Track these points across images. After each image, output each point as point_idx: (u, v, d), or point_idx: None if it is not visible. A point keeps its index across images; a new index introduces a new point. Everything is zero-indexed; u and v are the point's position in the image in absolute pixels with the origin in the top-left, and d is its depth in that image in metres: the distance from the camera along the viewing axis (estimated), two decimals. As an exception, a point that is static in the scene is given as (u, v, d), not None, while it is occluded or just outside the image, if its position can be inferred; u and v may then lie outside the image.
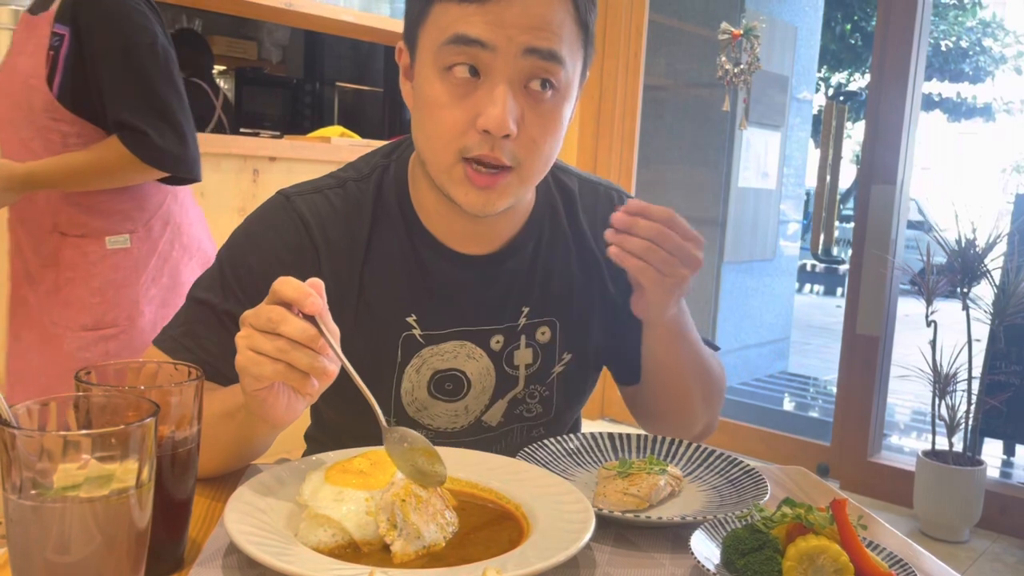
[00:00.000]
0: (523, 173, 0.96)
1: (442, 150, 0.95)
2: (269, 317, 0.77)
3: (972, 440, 2.99)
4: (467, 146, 0.93)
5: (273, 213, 1.06)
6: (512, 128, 0.91)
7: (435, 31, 0.92)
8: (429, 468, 0.82)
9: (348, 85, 6.26)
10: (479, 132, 0.91)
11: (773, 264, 5.31)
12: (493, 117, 0.90)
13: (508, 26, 0.89)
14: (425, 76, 0.95)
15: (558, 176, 1.17)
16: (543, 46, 0.90)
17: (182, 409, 0.74)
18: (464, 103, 0.92)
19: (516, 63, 0.90)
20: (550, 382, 1.14)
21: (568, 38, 0.93)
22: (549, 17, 0.90)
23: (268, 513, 0.79)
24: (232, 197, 2.69)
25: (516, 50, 0.90)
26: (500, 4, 0.89)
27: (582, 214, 1.16)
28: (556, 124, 0.96)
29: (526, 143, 0.94)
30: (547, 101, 0.94)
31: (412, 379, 1.08)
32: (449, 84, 0.92)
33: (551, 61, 0.91)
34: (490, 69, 0.91)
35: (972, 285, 2.90)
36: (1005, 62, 10.92)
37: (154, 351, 1.02)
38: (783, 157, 5.10)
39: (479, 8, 0.89)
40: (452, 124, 0.93)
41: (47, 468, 0.59)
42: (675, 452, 1.06)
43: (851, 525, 0.74)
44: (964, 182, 14.85)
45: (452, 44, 0.90)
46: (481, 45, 0.89)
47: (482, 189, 0.95)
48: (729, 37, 3.29)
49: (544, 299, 1.12)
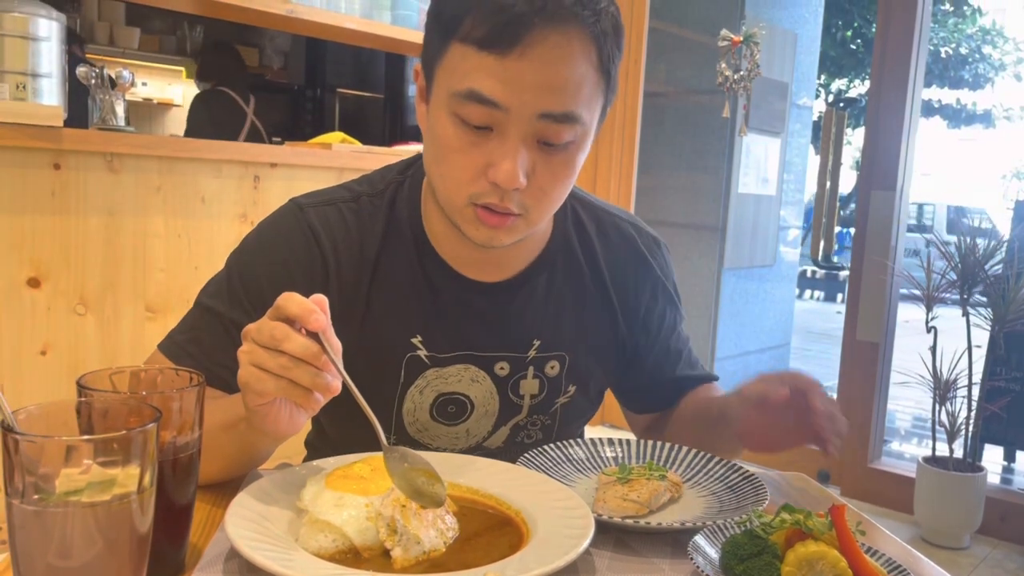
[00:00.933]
0: (531, 218, 0.96)
1: (454, 192, 0.94)
2: (272, 334, 0.77)
3: (972, 446, 2.99)
4: (477, 193, 0.92)
5: (284, 222, 1.06)
6: (522, 182, 0.90)
7: (451, 75, 0.90)
8: (428, 489, 0.81)
9: (349, 91, 6.27)
10: (489, 182, 0.91)
11: (773, 270, 5.30)
12: (503, 171, 0.89)
13: (524, 88, 0.87)
14: (438, 116, 0.93)
15: (576, 208, 1.16)
16: (557, 110, 0.88)
17: (184, 415, 0.74)
18: (476, 151, 0.91)
19: (530, 123, 0.89)
20: (553, 412, 1.14)
21: (587, 92, 0.90)
22: (567, 75, 0.88)
23: (269, 518, 0.79)
24: (233, 203, 2.70)
25: (530, 114, 0.88)
26: (520, 61, 0.86)
27: (600, 250, 1.15)
28: (567, 173, 0.95)
29: (535, 193, 0.93)
30: (560, 154, 0.93)
31: (415, 400, 1.07)
32: (461, 132, 0.91)
33: (565, 123, 0.90)
34: (503, 125, 0.89)
35: (972, 291, 2.90)
36: (1004, 69, 10.94)
37: (158, 355, 1.03)
38: (783, 163, 5.10)
39: (497, 62, 0.86)
40: (463, 169, 0.92)
41: (49, 473, 0.60)
42: (674, 458, 1.06)
43: (849, 531, 0.74)
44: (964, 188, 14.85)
45: (466, 99, 0.88)
46: (495, 106, 0.88)
47: (491, 227, 0.95)
48: (729, 44, 3.30)
49: (556, 333, 1.11)
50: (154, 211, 2.53)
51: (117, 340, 2.48)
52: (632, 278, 1.17)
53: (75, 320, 2.40)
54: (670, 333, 1.22)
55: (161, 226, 2.55)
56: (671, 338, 1.22)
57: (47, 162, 2.30)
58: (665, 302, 1.20)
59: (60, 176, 2.33)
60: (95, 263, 2.42)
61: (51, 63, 2.43)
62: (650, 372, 1.21)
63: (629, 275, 1.16)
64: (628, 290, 1.16)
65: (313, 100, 6.25)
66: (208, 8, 3.12)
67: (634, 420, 1.31)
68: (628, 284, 1.16)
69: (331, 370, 0.78)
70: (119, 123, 2.74)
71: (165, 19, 6.13)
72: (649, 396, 1.25)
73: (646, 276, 1.18)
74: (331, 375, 0.78)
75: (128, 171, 2.46)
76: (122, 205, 2.46)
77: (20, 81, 2.37)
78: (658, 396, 1.24)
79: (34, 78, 2.39)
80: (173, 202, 2.57)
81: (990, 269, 2.88)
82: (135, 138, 2.51)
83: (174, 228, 2.58)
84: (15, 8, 2.37)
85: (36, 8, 2.40)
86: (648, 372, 1.21)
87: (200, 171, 2.61)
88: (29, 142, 2.23)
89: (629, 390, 1.25)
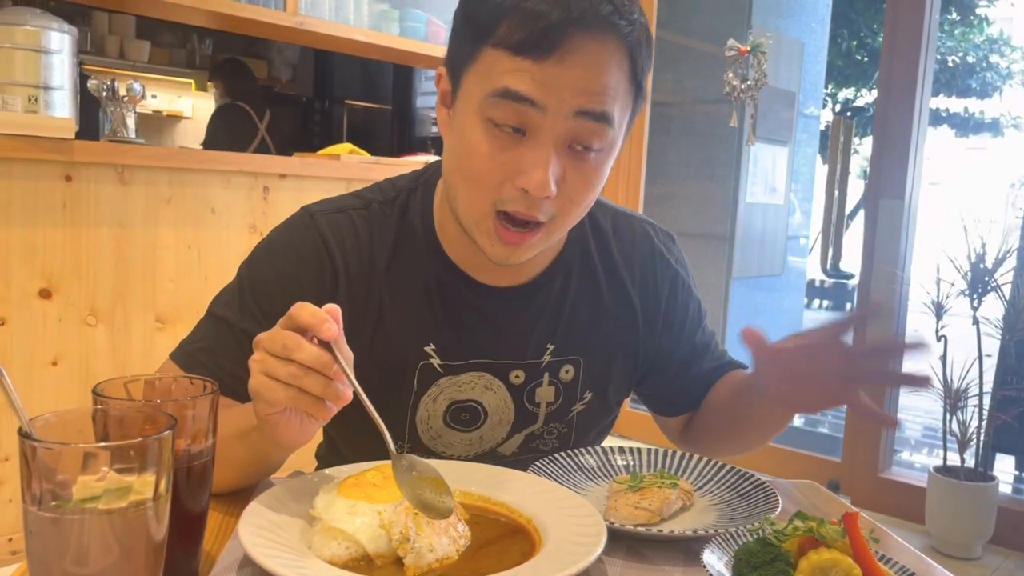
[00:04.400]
0: (553, 227, 0.95)
1: (477, 200, 0.92)
2: (284, 344, 0.76)
3: (984, 456, 2.97)
4: (502, 199, 0.91)
5: (295, 230, 1.06)
6: (553, 190, 0.89)
7: (483, 78, 0.89)
8: (435, 500, 0.81)
9: (357, 103, 6.30)
10: (517, 189, 0.89)
11: (782, 280, 5.29)
12: (535, 179, 0.87)
13: (561, 88, 0.86)
14: (467, 121, 0.91)
15: (591, 211, 1.13)
16: (596, 109, 0.88)
17: (198, 423, 0.74)
18: (505, 156, 0.89)
19: (565, 123, 0.87)
20: (569, 420, 1.13)
21: (621, 98, 0.90)
22: (605, 80, 0.87)
23: (282, 526, 0.79)
24: (243, 214, 2.71)
25: (567, 112, 0.87)
26: (559, 65, 0.85)
27: (616, 251, 1.14)
28: (597, 181, 0.94)
29: (563, 201, 0.92)
30: (591, 160, 0.92)
31: (428, 408, 1.07)
32: (492, 136, 0.89)
33: (601, 123, 0.89)
34: (537, 128, 0.88)
35: (982, 300, 2.89)
36: (1012, 77, 10.91)
37: (170, 365, 1.03)
38: (791, 172, 5.10)
39: (535, 64, 0.85)
40: (490, 175, 0.90)
41: (66, 480, 0.60)
42: (686, 466, 1.06)
43: (863, 538, 0.74)
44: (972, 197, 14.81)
45: (500, 98, 0.87)
46: (531, 103, 0.86)
47: (509, 245, 0.93)
48: (736, 53, 3.30)
49: (570, 337, 1.10)
50: (164, 222, 2.55)
51: (127, 351, 2.50)
52: (651, 275, 1.16)
53: (86, 331, 2.41)
54: (695, 328, 1.20)
55: (171, 237, 2.57)
56: (696, 333, 1.21)
57: (58, 174, 2.32)
58: (686, 296, 1.19)
59: (71, 188, 2.34)
60: (106, 274, 2.44)
61: (62, 76, 2.45)
62: (677, 370, 1.19)
63: (648, 272, 1.16)
64: (648, 288, 1.15)
65: (322, 112, 6.27)
66: (218, 21, 3.15)
67: (668, 425, 1.27)
68: (648, 281, 1.15)
69: (342, 379, 0.78)
70: (129, 135, 2.76)
71: (175, 32, 6.17)
72: (680, 396, 1.22)
73: (665, 272, 1.17)
74: (342, 384, 0.78)
75: (138, 183, 2.48)
76: (132, 216, 2.47)
77: (32, 94, 2.39)
78: (689, 394, 1.22)
79: (46, 91, 2.42)
80: (183, 213, 2.58)
81: (1000, 278, 2.87)
82: (145, 150, 2.53)
83: (184, 239, 2.59)
84: (27, 21, 2.39)
85: (48, 21, 2.42)
86: (675, 370, 1.19)
87: (210, 182, 2.63)
88: (41, 154, 2.25)
89: (658, 393, 1.23)
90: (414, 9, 3.57)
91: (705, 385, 1.21)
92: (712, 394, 1.21)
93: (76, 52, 2.53)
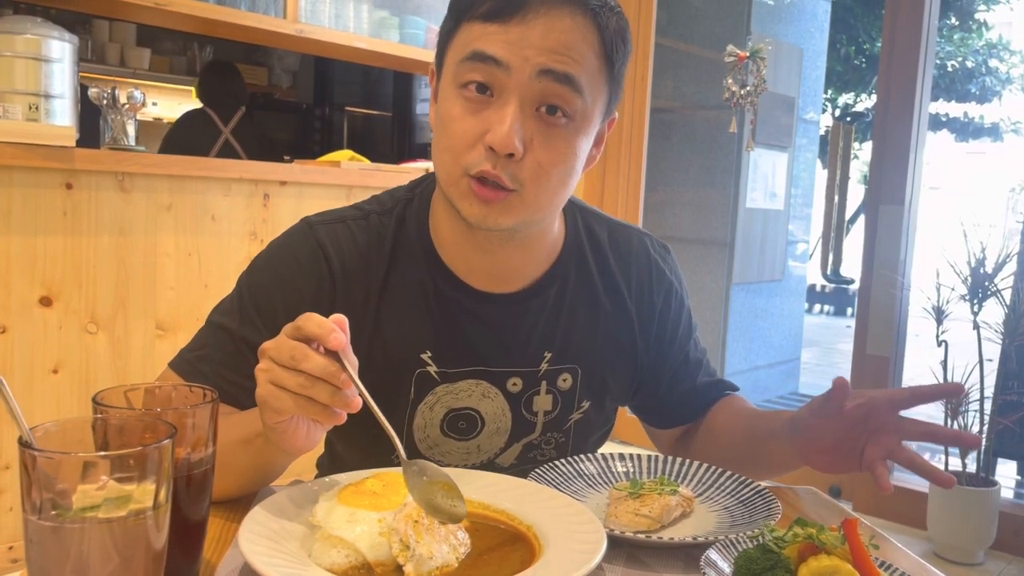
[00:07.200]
0: (526, 196, 0.95)
1: (451, 163, 0.95)
2: (292, 354, 0.77)
3: (985, 461, 2.97)
4: (472, 162, 0.92)
5: (294, 240, 1.07)
6: (517, 147, 0.90)
7: (459, 50, 0.94)
8: (447, 505, 0.81)
9: (357, 110, 6.31)
10: (485, 147, 0.91)
11: (782, 285, 5.30)
12: (499, 135, 0.90)
13: (525, 46, 0.90)
14: (445, 93, 0.96)
15: (587, 221, 1.16)
16: (558, 68, 0.90)
17: (198, 431, 0.74)
18: (475, 119, 0.92)
19: (530, 84, 0.90)
20: (567, 429, 1.14)
21: (588, 67, 0.93)
22: (569, 42, 0.91)
23: (282, 534, 0.79)
24: (243, 221, 2.72)
25: (531, 70, 0.90)
26: (522, 25, 0.90)
27: (613, 261, 1.15)
28: (567, 152, 0.95)
29: (531, 167, 0.93)
30: (559, 127, 0.93)
31: (425, 416, 1.07)
32: (463, 100, 0.93)
33: (566, 85, 0.91)
34: (503, 88, 0.91)
35: (982, 305, 2.89)
36: (1012, 82, 10.92)
37: (169, 373, 1.03)
38: (791, 178, 5.11)
39: (501, 27, 0.90)
40: (461, 137, 0.93)
41: (66, 489, 0.60)
42: (686, 473, 1.06)
43: (863, 544, 0.74)
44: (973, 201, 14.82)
45: (469, 61, 0.92)
46: (496, 63, 0.90)
47: (485, 202, 0.94)
48: (735, 59, 3.31)
49: (567, 345, 1.10)
50: (165, 230, 2.55)
51: (128, 358, 2.50)
52: (647, 284, 1.16)
53: (86, 339, 2.41)
54: (686, 340, 1.21)
55: (171, 245, 2.57)
56: (688, 346, 1.21)
57: (59, 182, 2.32)
58: (679, 307, 1.20)
59: (72, 196, 2.35)
60: (106, 282, 2.44)
61: (63, 84, 2.45)
62: (670, 382, 1.20)
63: (644, 282, 1.16)
64: (644, 298, 1.16)
65: (322, 119, 6.28)
66: (218, 29, 3.15)
67: (659, 437, 1.28)
68: (644, 290, 1.16)
69: (351, 388, 0.78)
70: (130, 143, 2.76)
71: (175, 40, 6.19)
72: (672, 409, 1.23)
73: (660, 282, 1.18)
74: (350, 392, 0.78)
75: (139, 190, 2.48)
76: (133, 224, 2.48)
77: (32, 102, 2.39)
78: (682, 408, 1.22)
79: (46, 99, 2.42)
80: (183, 220, 2.59)
81: (1000, 282, 2.87)
82: (146, 157, 2.54)
83: (184, 246, 2.60)
84: (27, 30, 2.39)
85: (48, 30, 2.43)
86: (668, 382, 1.20)
87: (210, 190, 2.63)
88: (41, 162, 2.25)
89: (651, 405, 1.23)
90: (414, 16, 3.58)
91: (699, 400, 1.22)
92: (716, 420, 1.20)
93: (77, 60, 2.53)
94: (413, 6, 3.62)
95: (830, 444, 0.96)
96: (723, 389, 1.23)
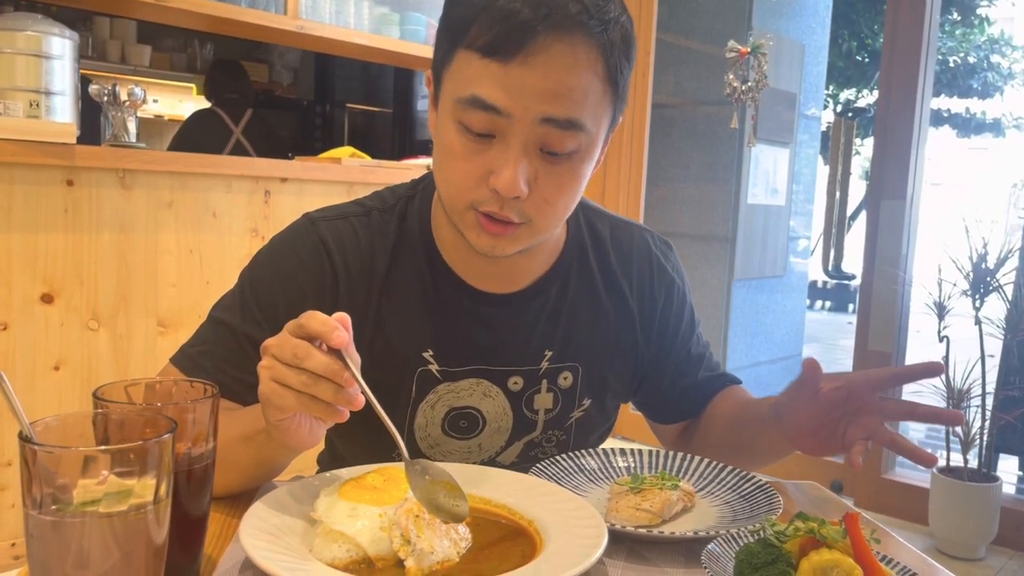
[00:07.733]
0: (535, 227, 0.95)
1: (456, 198, 0.94)
2: (295, 352, 0.77)
3: (987, 456, 2.97)
4: (478, 200, 0.92)
5: (295, 235, 1.07)
6: (523, 190, 0.89)
7: (456, 82, 0.90)
8: (450, 504, 0.80)
9: (358, 106, 6.31)
10: (489, 189, 0.90)
11: (783, 281, 5.29)
12: (503, 179, 0.88)
13: (526, 93, 0.86)
14: (444, 122, 0.93)
15: (589, 218, 1.15)
16: (560, 115, 0.87)
17: (198, 426, 0.74)
18: (477, 159, 0.90)
19: (532, 129, 0.88)
20: (568, 427, 1.13)
21: (592, 101, 0.89)
22: (571, 83, 0.87)
23: (283, 529, 0.80)
24: (244, 218, 2.72)
25: (532, 118, 0.87)
26: (522, 68, 0.85)
27: (614, 258, 1.15)
28: (572, 184, 0.94)
29: (538, 202, 0.92)
30: (564, 163, 0.92)
31: (426, 415, 1.07)
32: (465, 139, 0.91)
33: (568, 129, 0.89)
34: (505, 132, 0.89)
35: (984, 301, 2.89)
36: (1014, 78, 10.90)
37: (170, 369, 1.03)
38: (792, 174, 5.10)
39: (500, 68, 0.86)
40: (465, 176, 0.91)
41: (67, 484, 0.60)
42: (687, 467, 1.06)
43: (864, 539, 0.74)
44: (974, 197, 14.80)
45: (469, 105, 0.88)
46: (496, 112, 0.87)
47: (493, 235, 0.94)
48: (737, 55, 3.30)
49: (568, 344, 1.10)
50: (166, 226, 2.55)
51: (129, 355, 2.50)
52: (649, 281, 1.16)
53: (88, 335, 2.41)
54: (688, 336, 1.21)
55: (172, 241, 2.57)
56: (690, 342, 1.21)
57: (60, 179, 2.32)
58: (681, 304, 1.20)
59: (73, 193, 2.35)
60: (108, 279, 2.44)
61: (64, 81, 2.45)
62: (671, 378, 1.20)
63: (646, 278, 1.16)
64: (646, 295, 1.16)
65: (323, 115, 6.28)
66: (219, 25, 3.15)
67: (662, 432, 1.28)
68: (645, 287, 1.16)
69: (354, 386, 0.78)
70: (131, 140, 2.76)
71: (176, 37, 6.19)
72: (675, 404, 1.23)
73: (662, 278, 1.18)
74: (353, 389, 0.78)
75: (140, 187, 2.48)
76: (134, 221, 2.48)
77: (33, 99, 2.40)
78: (684, 403, 1.22)
79: (47, 96, 2.42)
80: (184, 217, 2.59)
81: (1002, 278, 2.87)
82: (147, 154, 2.54)
83: (185, 243, 2.60)
84: (28, 27, 2.39)
85: (49, 27, 2.43)
86: (669, 378, 1.20)
87: (211, 186, 2.63)
88: (42, 159, 2.25)
89: (653, 400, 1.24)
90: (414, 12, 3.57)
91: (701, 394, 1.22)
92: (714, 410, 1.20)
93: (77, 57, 2.53)
94: (414, 2, 3.62)
95: (812, 427, 0.95)
96: (724, 382, 1.23)
